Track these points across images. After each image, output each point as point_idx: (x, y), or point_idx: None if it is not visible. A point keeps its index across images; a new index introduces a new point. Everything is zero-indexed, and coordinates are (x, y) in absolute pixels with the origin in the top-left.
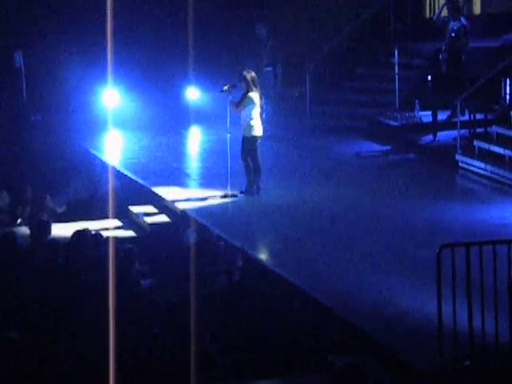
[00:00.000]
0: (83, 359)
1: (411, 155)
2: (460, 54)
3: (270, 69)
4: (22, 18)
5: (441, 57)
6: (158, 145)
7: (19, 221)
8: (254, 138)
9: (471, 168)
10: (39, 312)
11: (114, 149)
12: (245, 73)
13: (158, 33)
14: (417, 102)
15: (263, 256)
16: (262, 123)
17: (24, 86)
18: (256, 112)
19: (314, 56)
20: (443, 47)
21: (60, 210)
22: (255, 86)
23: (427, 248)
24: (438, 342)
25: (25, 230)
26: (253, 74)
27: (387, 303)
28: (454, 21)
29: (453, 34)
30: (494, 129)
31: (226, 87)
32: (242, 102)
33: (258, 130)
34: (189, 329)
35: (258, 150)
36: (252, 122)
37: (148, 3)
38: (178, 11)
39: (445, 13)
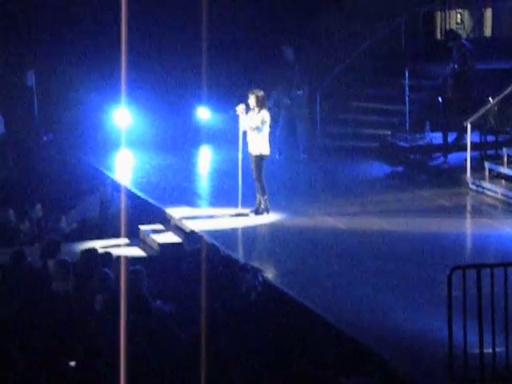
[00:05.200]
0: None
1: (422, 176)
2: (467, 78)
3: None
4: (35, 37)
5: (445, 81)
6: (168, 164)
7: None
8: (262, 156)
9: (482, 190)
10: (49, 332)
11: (125, 168)
12: (255, 92)
13: (171, 53)
14: (427, 123)
15: (274, 276)
16: (277, 142)
17: (36, 104)
18: (266, 131)
19: (324, 77)
20: (447, 72)
21: (69, 229)
22: (265, 106)
23: (438, 270)
24: (448, 364)
25: (35, 249)
26: (262, 92)
27: (398, 325)
28: (456, 47)
29: (455, 65)
30: (505, 151)
31: (240, 107)
32: (256, 121)
33: (266, 148)
34: (200, 345)
35: (264, 168)
36: (261, 141)
37: (162, 23)
38: (191, 31)
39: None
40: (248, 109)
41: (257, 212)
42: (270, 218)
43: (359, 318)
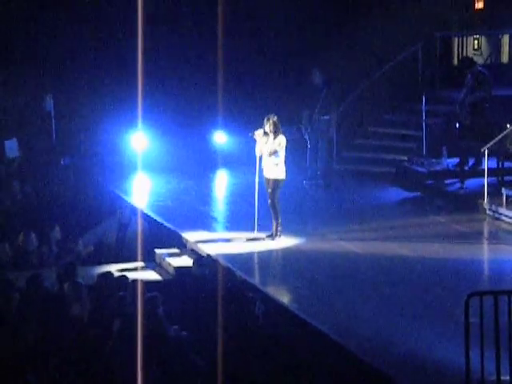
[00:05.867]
0: None
1: (438, 202)
2: (484, 105)
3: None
4: (53, 62)
5: (458, 109)
6: (185, 188)
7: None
8: (278, 181)
9: (499, 216)
10: (64, 355)
11: (142, 192)
12: (272, 117)
13: (187, 77)
14: (444, 148)
15: (289, 300)
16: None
17: (54, 128)
18: (282, 156)
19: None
20: (461, 99)
21: (86, 251)
22: (281, 131)
23: (455, 296)
24: None
25: (51, 272)
26: (276, 117)
27: (415, 352)
28: (471, 73)
29: (470, 92)
30: None
31: (258, 132)
32: (272, 146)
33: (282, 173)
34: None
35: (279, 193)
36: (278, 166)
37: (178, 47)
38: (208, 55)
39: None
40: (264, 133)
41: (272, 237)
42: (286, 242)
43: (375, 343)
